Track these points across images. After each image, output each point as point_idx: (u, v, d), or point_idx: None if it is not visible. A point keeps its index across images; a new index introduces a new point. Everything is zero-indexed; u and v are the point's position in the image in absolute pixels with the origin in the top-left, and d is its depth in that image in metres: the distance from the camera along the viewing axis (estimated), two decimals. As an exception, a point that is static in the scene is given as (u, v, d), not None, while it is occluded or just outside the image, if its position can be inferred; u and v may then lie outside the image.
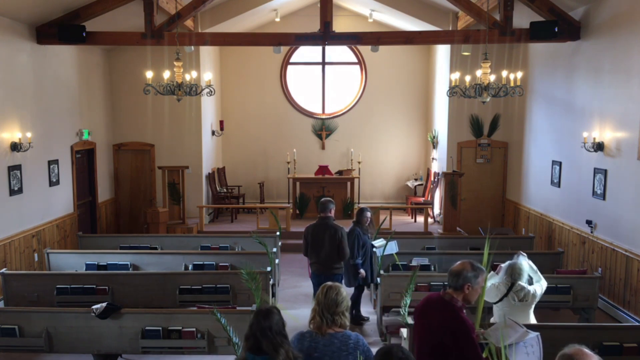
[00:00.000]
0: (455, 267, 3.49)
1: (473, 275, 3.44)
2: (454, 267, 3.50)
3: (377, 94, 14.38)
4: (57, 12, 8.55)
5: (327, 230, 6.46)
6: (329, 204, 6.60)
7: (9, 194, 7.87)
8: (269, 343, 2.93)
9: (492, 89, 7.69)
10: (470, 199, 11.64)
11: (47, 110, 9.02)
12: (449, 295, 3.47)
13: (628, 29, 7.26)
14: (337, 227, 6.47)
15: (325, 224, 6.50)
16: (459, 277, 3.44)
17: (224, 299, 6.68)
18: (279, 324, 3.02)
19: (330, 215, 6.55)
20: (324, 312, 3.23)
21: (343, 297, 3.30)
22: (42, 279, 6.88)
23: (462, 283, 3.43)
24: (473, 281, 3.44)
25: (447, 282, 3.50)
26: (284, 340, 2.99)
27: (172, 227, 11.08)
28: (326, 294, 3.26)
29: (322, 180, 12.86)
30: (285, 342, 2.98)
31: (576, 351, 2.45)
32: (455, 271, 3.47)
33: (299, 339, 3.27)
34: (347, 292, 3.43)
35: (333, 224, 6.51)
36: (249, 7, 11.58)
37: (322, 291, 3.31)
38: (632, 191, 7.14)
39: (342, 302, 3.27)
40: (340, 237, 6.43)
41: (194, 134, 12.04)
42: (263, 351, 2.93)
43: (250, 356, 2.95)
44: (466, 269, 3.45)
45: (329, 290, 3.28)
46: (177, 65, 7.95)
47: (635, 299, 7.14)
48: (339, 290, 3.30)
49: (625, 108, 7.31)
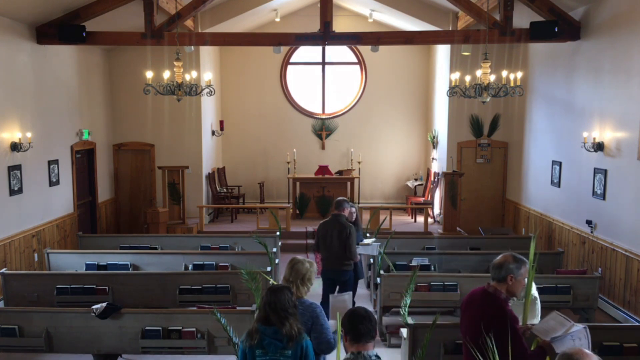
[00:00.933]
0: (497, 260, 3.54)
1: (515, 266, 3.47)
2: (495, 260, 3.55)
3: (377, 94, 14.38)
4: (57, 12, 8.55)
5: (336, 227, 6.56)
6: (344, 203, 6.73)
7: (9, 194, 7.87)
8: (276, 316, 3.32)
9: (492, 89, 7.69)
10: (470, 199, 11.64)
11: (47, 110, 9.02)
12: (492, 287, 3.51)
13: (628, 29, 7.26)
14: (346, 225, 6.57)
15: (336, 221, 6.61)
16: (501, 269, 3.48)
17: (224, 299, 6.68)
18: (288, 301, 3.37)
19: (342, 214, 6.65)
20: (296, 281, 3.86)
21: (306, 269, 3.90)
22: (42, 279, 6.88)
23: (504, 274, 3.47)
24: (515, 272, 3.47)
25: (491, 275, 3.54)
26: (290, 315, 3.34)
27: (172, 227, 11.08)
28: (295, 266, 3.90)
29: (322, 180, 12.86)
30: (291, 317, 3.35)
31: (576, 351, 2.46)
32: (498, 263, 3.51)
33: None
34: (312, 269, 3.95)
35: (344, 222, 6.58)
36: (249, 7, 11.58)
37: (291, 263, 3.93)
38: (632, 191, 7.14)
39: (305, 273, 3.89)
40: (348, 234, 6.50)
41: (194, 134, 12.04)
42: (271, 323, 3.33)
43: (261, 327, 3.35)
44: (508, 261, 3.48)
45: (299, 263, 3.92)
46: (177, 65, 7.95)
47: (635, 299, 7.14)
48: (303, 262, 3.94)
49: (625, 108, 7.31)
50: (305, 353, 3.31)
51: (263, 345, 3.29)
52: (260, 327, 3.33)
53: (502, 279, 3.49)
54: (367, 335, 2.91)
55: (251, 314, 5.36)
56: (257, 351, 3.30)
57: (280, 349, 3.28)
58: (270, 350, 3.29)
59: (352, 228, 6.60)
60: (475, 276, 6.83)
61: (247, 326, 5.32)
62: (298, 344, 3.29)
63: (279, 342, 3.27)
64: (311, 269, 3.92)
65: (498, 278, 3.50)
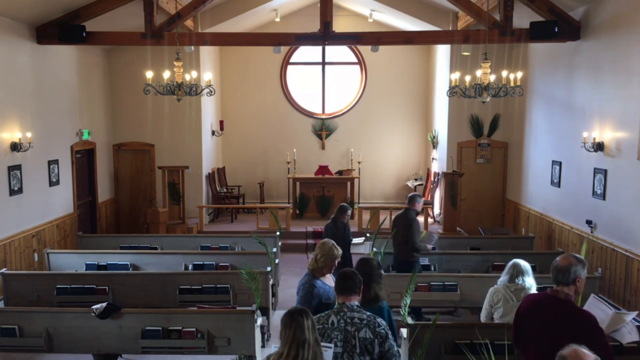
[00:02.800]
0: (562, 264, 3.47)
1: (581, 267, 3.45)
2: (560, 264, 3.48)
3: (377, 94, 14.39)
4: (57, 12, 8.55)
5: (401, 221, 7.22)
6: (417, 198, 7.29)
7: (9, 194, 7.88)
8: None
9: (492, 89, 7.69)
10: (470, 199, 11.64)
11: (47, 110, 9.02)
12: (563, 293, 3.44)
13: (628, 29, 7.26)
14: (410, 219, 7.11)
15: (404, 215, 7.22)
16: (570, 272, 3.43)
17: (224, 299, 6.68)
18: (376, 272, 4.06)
19: (413, 208, 7.20)
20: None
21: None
22: (42, 279, 6.88)
23: (573, 277, 3.43)
24: (582, 273, 3.45)
25: (556, 280, 3.47)
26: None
27: (172, 227, 11.08)
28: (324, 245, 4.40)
29: (322, 180, 12.86)
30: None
31: (572, 352, 2.45)
32: (564, 267, 3.45)
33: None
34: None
35: (410, 216, 7.16)
36: (249, 7, 11.59)
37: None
38: (632, 191, 7.14)
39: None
40: (409, 227, 7.07)
41: (194, 134, 12.04)
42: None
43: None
44: (573, 263, 3.45)
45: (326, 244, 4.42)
46: (177, 65, 7.95)
47: (635, 299, 7.13)
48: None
49: (625, 108, 7.31)
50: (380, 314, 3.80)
51: None
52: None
53: (571, 282, 3.43)
54: (350, 290, 3.55)
55: (251, 313, 5.36)
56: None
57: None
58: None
59: (414, 221, 7.08)
60: (476, 276, 6.82)
61: (247, 326, 5.34)
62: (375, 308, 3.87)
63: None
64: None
65: (566, 282, 3.43)
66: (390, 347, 3.44)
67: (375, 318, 3.49)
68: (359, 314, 3.48)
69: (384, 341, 3.43)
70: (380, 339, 3.42)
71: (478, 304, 6.20)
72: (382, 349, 3.42)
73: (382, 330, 3.44)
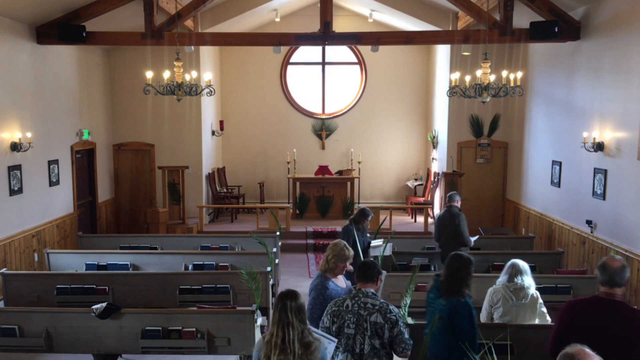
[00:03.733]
0: (617, 265, 3.34)
1: (628, 268, 3.41)
2: (615, 265, 3.35)
3: (377, 94, 14.38)
4: (57, 12, 8.55)
5: (447, 217, 7.43)
6: (455, 196, 7.54)
7: (9, 194, 7.87)
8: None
9: (492, 89, 7.69)
10: (470, 199, 11.63)
11: (47, 110, 9.02)
12: (620, 296, 3.34)
13: (628, 29, 7.26)
14: (455, 214, 7.37)
15: (448, 212, 7.45)
16: (625, 273, 3.34)
17: (224, 299, 6.68)
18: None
19: (454, 205, 7.43)
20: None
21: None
22: (42, 279, 6.88)
23: (627, 278, 3.37)
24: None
25: (611, 282, 3.33)
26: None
27: (172, 227, 11.08)
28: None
29: (322, 180, 12.86)
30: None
31: (578, 351, 2.45)
32: (621, 268, 3.34)
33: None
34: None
35: (455, 212, 7.40)
36: (249, 7, 11.58)
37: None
38: (632, 191, 7.14)
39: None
40: (458, 222, 7.31)
41: (194, 134, 12.04)
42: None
43: (435, 279, 4.27)
44: (625, 265, 3.38)
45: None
46: (177, 65, 7.95)
47: (635, 299, 7.13)
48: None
49: (625, 108, 7.31)
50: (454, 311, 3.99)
51: (433, 291, 4.23)
52: (435, 279, 4.25)
53: (624, 283, 3.34)
54: (368, 278, 3.89)
55: (251, 313, 5.36)
56: (430, 295, 4.27)
57: (438, 297, 4.12)
58: (435, 296, 4.18)
59: (461, 216, 7.32)
60: (475, 276, 6.80)
61: (247, 326, 5.34)
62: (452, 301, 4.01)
63: (437, 291, 4.15)
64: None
65: (622, 283, 3.34)
66: (400, 333, 3.68)
67: (387, 305, 3.72)
68: (372, 300, 3.75)
69: (394, 326, 3.66)
70: (391, 324, 3.66)
71: (478, 304, 6.21)
72: (391, 334, 3.67)
73: (392, 317, 3.68)
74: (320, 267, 4.44)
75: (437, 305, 4.12)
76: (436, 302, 4.16)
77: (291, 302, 3.13)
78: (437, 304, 4.14)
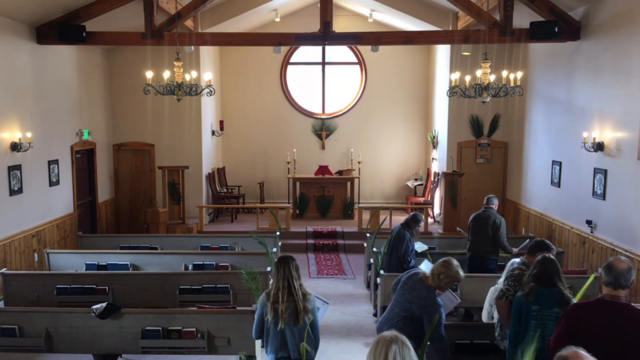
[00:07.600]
0: (622, 267, 3.30)
1: (634, 270, 3.36)
2: (621, 267, 3.30)
3: (377, 94, 14.39)
4: (57, 12, 8.55)
5: (483, 219, 7.26)
6: (493, 199, 7.42)
7: (9, 194, 7.87)
8: (551, 280, 4.01)
9: (492, 89, 7.69)
10: (470, 199, 11.63)
11: (47, 110, 9.01)
12: (625, 298, 3.30)
13: (628, 29, 7.26)
14: (492, 217, 7.21)
15: (485, 214, 7.33)
16: (631, 275, 3.30)
17: (224, 299, 6.68)
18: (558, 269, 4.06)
19: (491, 207, 7.32)
20: None
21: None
22: (42, 279, 6.88)
23: (632, 280, 3.32)
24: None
25: (616, 284, 3.30)
26: (561, 280, 4.00)
27: (172, 227, 11.08)
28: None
29: (322, 180, 12.87)
30: (561, 283, 3.99)
31: (571, 353, 2.42)
32: (627, 270, 3.30)
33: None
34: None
35: (492, 214, 7.27)
36: (249, 7, 11.58)
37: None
38: (632, 191, 7.14)
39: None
40: (497, 226, 7.17)
41: (194, 134, 12.04)
42: (549, 285, 3.96)
43: (538, 287, 3.97)
44: (631, 266, 3.34)
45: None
46: (177, 65, 7.95)
47: (635, 299, 7.13)
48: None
49: (625, 108, 7.31)
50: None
51: (539, 302, 3.91)
52: (537, 288, 3.94)
53: (629, 286, 3.30)
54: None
55: (251, 314, 5.36)
56: (534, 307, 3.92)
57: (553, 308, 3.89)
58: (545, 307, 3.90)
59: (500, 219, 7.18)
60: (476, 276, 6.82)
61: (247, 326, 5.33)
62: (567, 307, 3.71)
63: (553, 302, 3.91)
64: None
65: (627, 285, 3.30)
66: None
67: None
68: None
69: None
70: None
71: (478, 304, 6.21)
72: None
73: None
74: (429, 281, 4.36)
75: (547, 317, 3.89)
76: (544, 314, 3.90)
77: (292, 262, 3.96)
78: (546, 316, 3.90)
